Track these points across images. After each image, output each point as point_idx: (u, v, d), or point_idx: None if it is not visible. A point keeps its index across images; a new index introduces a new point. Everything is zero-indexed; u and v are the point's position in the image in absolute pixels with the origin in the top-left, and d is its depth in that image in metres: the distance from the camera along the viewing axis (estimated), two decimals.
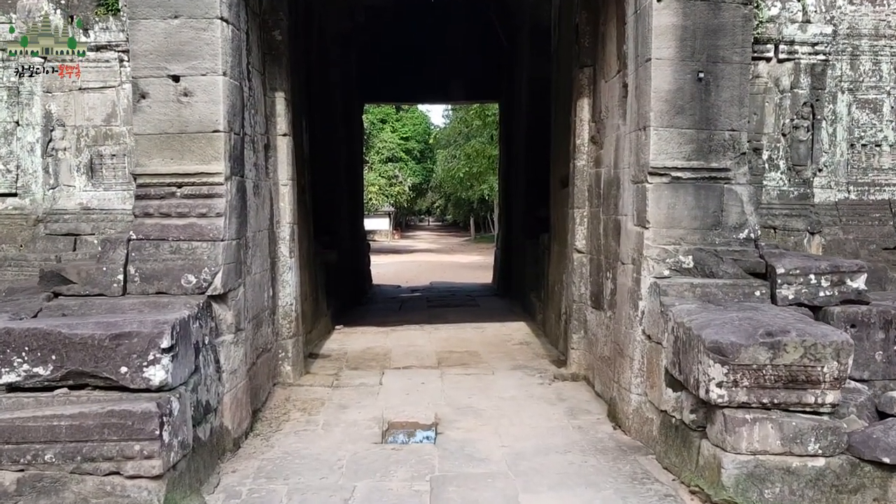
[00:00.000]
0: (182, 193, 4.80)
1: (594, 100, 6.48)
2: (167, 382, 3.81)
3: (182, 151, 4.79)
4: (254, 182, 5.67)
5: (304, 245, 8.13)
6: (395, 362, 7.64)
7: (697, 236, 4.88)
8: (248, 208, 5.39)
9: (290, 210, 6.55)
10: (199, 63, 4.76)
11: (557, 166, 8.39)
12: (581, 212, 6.66)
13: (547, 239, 9.14)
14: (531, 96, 11.13)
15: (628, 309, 5.10)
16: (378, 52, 14.16)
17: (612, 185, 5.81)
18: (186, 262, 4.69)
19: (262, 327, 5.97)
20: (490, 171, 27.79)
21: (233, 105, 4.92)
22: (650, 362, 4.75)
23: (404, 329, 9.74)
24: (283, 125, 6.43)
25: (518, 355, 7.95)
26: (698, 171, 4.87)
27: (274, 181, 6.39)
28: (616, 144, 5.74)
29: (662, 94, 4.82)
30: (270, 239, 6.25)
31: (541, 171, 10.80)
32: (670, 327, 4.35)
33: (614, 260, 5.72)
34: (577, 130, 6.64)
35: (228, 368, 4.81)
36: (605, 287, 6.03)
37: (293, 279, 6.62)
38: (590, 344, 6.49)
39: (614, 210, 5.74)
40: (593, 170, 6.47)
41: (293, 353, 6.59)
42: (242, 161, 5.24)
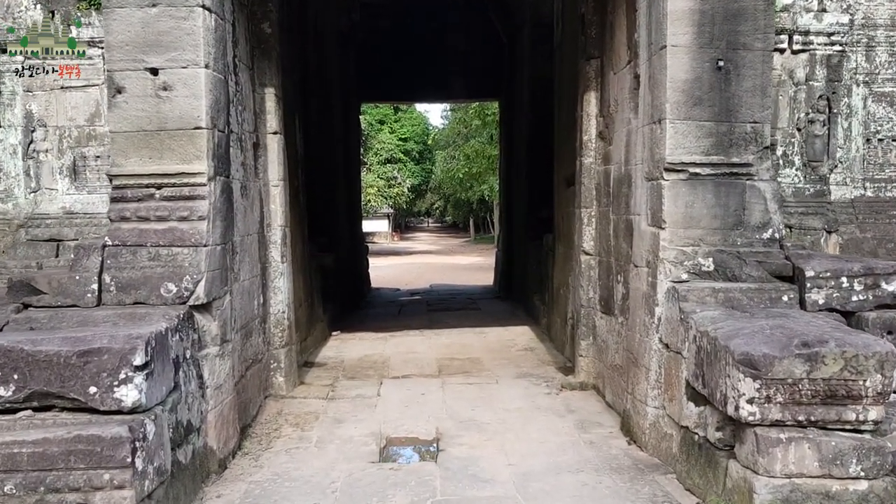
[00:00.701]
0: (162, 195, 4.44)
1: (602, 93, 6.13)
2: (141, 403, 3.46)
3: (161, 150, 4.44)
4: (241, 183, 5.32)
5: (298, 248, 7.78)
6: (393, 371, 7.29)
7: (718, 237, 4.53)
8: (234, 211, 5.05)
9: (282, 212, 6.20)
10: (179, 55, 4.41)
11: (562, 164, 8.05)
12: (588, 211, 6.31)
13: (551, 240, 8.80)
14: (532, 94, 10.79)
15: (643, 315, 4.75)
16: (376, 51, 13.82)
17: (623, 182, 5.46)
18: (166, 270, 4.33)
19: (252, 337, 5.62)
20: (490, 172, 27.44)
21: (216, 100, 4.58)
22: (668, 373, 4.40)
23: (403, 335, 9.40)
24: (273, 123, 6.09)
25: (522, 362, 7.60)
26: (718, 166, 4.52)
27: (264, 182, 6.04)
28: (627, 140, 5.39)
29: (679, 83, 4.47)
30: (260, 243, 5.91)
31: (543, 170, 10.49)
32: (692, 336, 4.00)
33: (626, 262, 5.38)
34: (584, 126, 6.29)
35: (213, 384, 4.46)
36: (615, 291, 5.68)
37: (285, 285, 6.28)
38: (599, 351, 6.14)
39: (625, 209, 5.40)
40: (601, 167, 6.12)
41: (286, 363, 6.24)
42: (228, 160, 4.89)
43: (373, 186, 35.46)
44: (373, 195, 35.47)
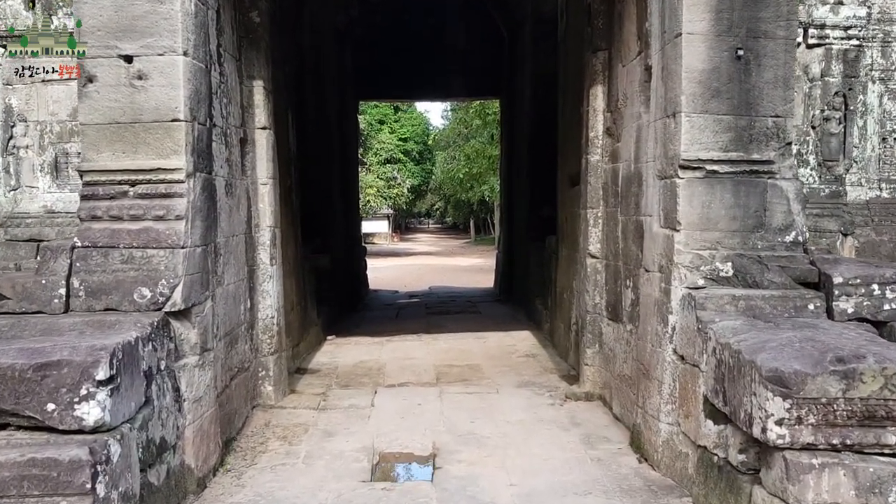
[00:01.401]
0: (136, 193, 4.11)
1: (609, 87, 5.81)
2: (104, 422, 3.13)
3: (136, 144, 4.11)
4: (226, 180, 4.99)
5: (291, 250, 7.46)
6: (389, 378, 6.96)
7: (737, 240, 4.20)
8: (217, 210, 4.72)
9: (271, 212, 5.87)
10: (155, 41, 4.08)
11: (566, 163, 7.71)
12: (595, 212, 5.98)
13: (554, 242, 8.46)
14: (534, 91, 10.47)
15: (655, 324, 4.42)
16: (374, 49, 13.49)
17: (633, 181, 5.13)
18: (140, 274, 4.00)
19: (238, 344, 5.29)
20: (491, 172, 27.10)
21: (196, 90, 4.25)
22: (684, 388, 4.07)
23: (401, 339, 9.06)
24: (261, 117, 5.76)
25: (524, 369, 7.27)
26: (737, 163, 4.19)
27: (252, 180, 5.71)
28: (637, 136, 5.06)
29: (695, 74, 4.14)
30: (248, 244, 5.58)
31: (546, 170, 10.16)
32: (711, 348, 3.67)
33: (635, 266, 5.05)
34: (590, 122, 5.96)
35: (191, 396, 4.12)
36: (623, 297, 5.35)
37: (275, 289, 5.94)
38: (606, 360, 5.81)
39: (635, 210, 5.07)
40: (609, 165, 5.79)
41: (275, 371, 5.90)
42: (210, 156, 4.56)
43: (372, 187, 35.12)
44: (372, 196, 35.13)
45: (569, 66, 7.50)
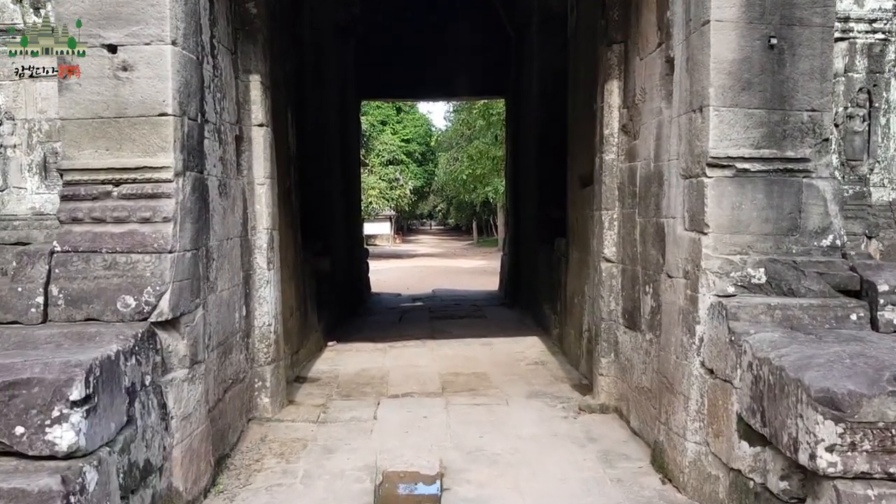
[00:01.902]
0: (120, 193, 3.81)
1: (626, 82, 5.50)
2: (79, 447, 2.83)
3: (120, 140, 3.80)
4: (219, 180, 4.68)
5: (290, 253, 7.15)
6: (392, 388, 6.65)
7: (769, 244, 3.88)
8: (210, 211, 4.41)
9: (268, 213, 5.56)
10: (141, 29, 3.77)
11: (576, 163, 7.40)
12: (610, 214, 5.66)
13: (564, 244, 8.15)
14: (542, 89, 10.15)
15: (680, 334, 4.10)
16: (376, 47, 13.19)
17: (652, 181, 4.82)
18: (124, 281, 3.70)
19: (233, 354, 4.98)
20: (494, 173, 26.79)
21: (186, 83, 3.94)
22: (713, 404, 3.75)
23: (404, 345, 8.75)
24: (258, 114, 5.45)
25: (534, 378, 6.95)
26: (770, 161, 3.87)
27: (248, 180, 5.41)
28: (657, 133, 4.75)
29: (725, 65, 3.83)
30: (243, 248, 5.27)
31: (554, 170, 9.86)
32: (746, 363, 3.36)
33: (656, 272, 4.73)
34: (605, 119, 5.65)
35: (180, 413, 3.81)
36: (642, 304, 5.04)
37: (272, 295, 5.64)
38: (622, 370, 5.49)
39: (655, 211, 4.75)
40: (625, 164, 5.47)
41: (272, 382, 5.59)
42: (202, 154, 4.26)
43: (374, 188, 34.78)
44: (374, 197, 34.79)
45: (580, 62, 7.19)
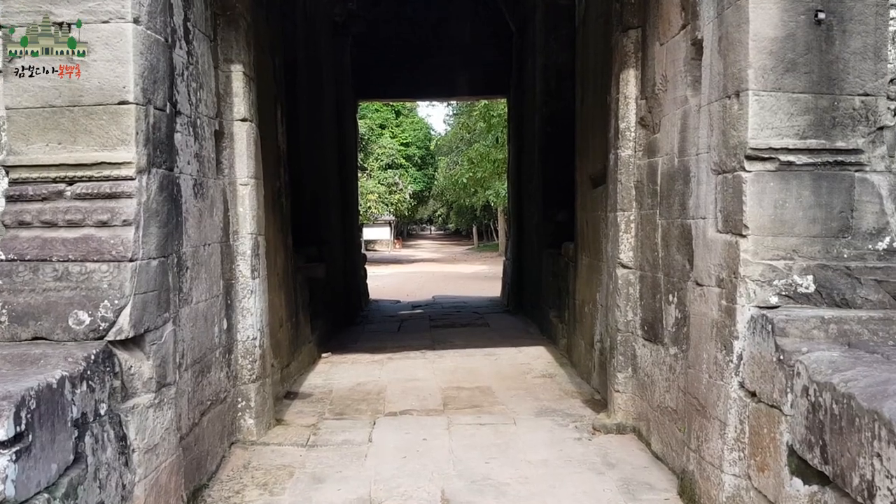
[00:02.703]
0: (74, 193, 3.33)
1: (644, 70, 5.02)
2: (6, 497, 2.34)
3: (75, 133, 3.33)
4: (195, 179, 4.20)
5: (280, 259, 6.67)
6: (390, 404, 6.16)
7: (817, 247, 3.40)
8: (182, 214, 3.93)
9: (253, 216, 5.09)
10: (98, 5, 3.30)
11: (586, 162, 6.93)
12: (626, 215, 5.18)
13: (571, 249, 7.67)
14: (546, 84, 9.70)
15: (713, 350, 3.62)
16: (374, 45, 12.76)
17: (676, 178, 4.34)
18: (78, 294, 3.22)
19: (211, 372, 4.49)
20: (495, 176, 26.32)
21: (151, 67, 3.47)
22: (756, 433, 3.26)
23: (403, 357, 8.26)
24: (241, 108, 4.98)
25: (542, 393, 6.46)
26: (817, 152, 3.39)
27: (230, 179, 4.93)
28: (682, 124, 4.27)
29: (765, 43, 3.35)
30: (224, 255, 4.79)
31: (560, 171, 9.40)
32: (800, 387, 2.87)
33: (681, 279, 4.25)
34: (621, 112, 5.18)
35: (143, 445, 3.33)
36: (664, 314, 4.55)
37: (258, 305, 5.15)
38: (641, 387, 5.00)
39: (680, 212, 4.27)
40: (644, 161, 5.00)
41: (257, 401, 5.10)
42: (172, 148, 3.78)
43: (373, 193, 34.35)
44: (373, 202, 34.36)
45: (589, 53, 6.73)
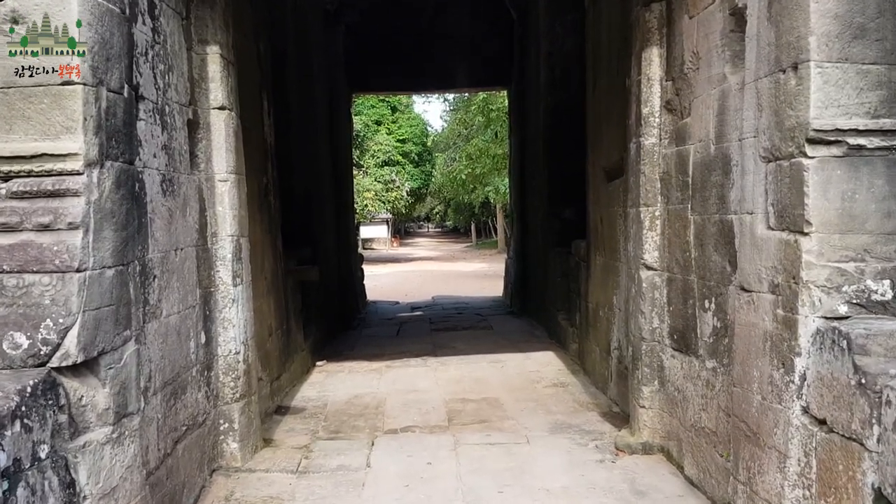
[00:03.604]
0: (10, 191, 2.79)
1: (670, 48, 4.49)
2: None
3: (10, 119, 2.79)
4: (163, 174, 3.67)
5: (268, 263, 6.15)
6: (390, 420, 5.64)
7: (894, 246, 2.88)
8: (147, 214, 3.40)
9: (234, 216, 4.55)
10: None
11: (599, 153, 6.40)
12: (651, 211, 4.65)
13: (583, 248, 7.14)
14: (551, 73, 9.17)
15: (767, 367, 3.10)
16: (369, 35, 12.21)
17: (713, 168, 3.82)
18: (13, 312, 2.69)
19: (187, 393, 3.96)
20: (495, 172, 25.77)
21: (103, 42, 2.93)
22: (828, 469, 2.74)
23: (403, 364, 7.75)
24: (219, 94, 4.44)
25: (555, 405, 5.94)
26: (892, 134, 2.87)
27: (207, 175, 4.39)
28: (719, 106, 3.75)
29: (829, 4, 2.83)
30: (201, 260, 4.26)
31: (566, 165, 8.91)
32: (892, 419, 2.35)
33: (720, 283, 3.73)
34: (643, 95, 4.65)
35: (98, 490, 2.80)
36: (699, 322, 4.03)
37: (241, 316, 4.62)
38: (671, 403, 4.48)
39: (718, 206, 3.75)
40: (671, 149, 4.47)
41: (242, 422, 4.58)
42: (132, 138, 3.25)
43: (370, 190, 33.73)
44: (370, 200, 33.75)
45: (602, 33, 6.20)
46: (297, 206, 8.71)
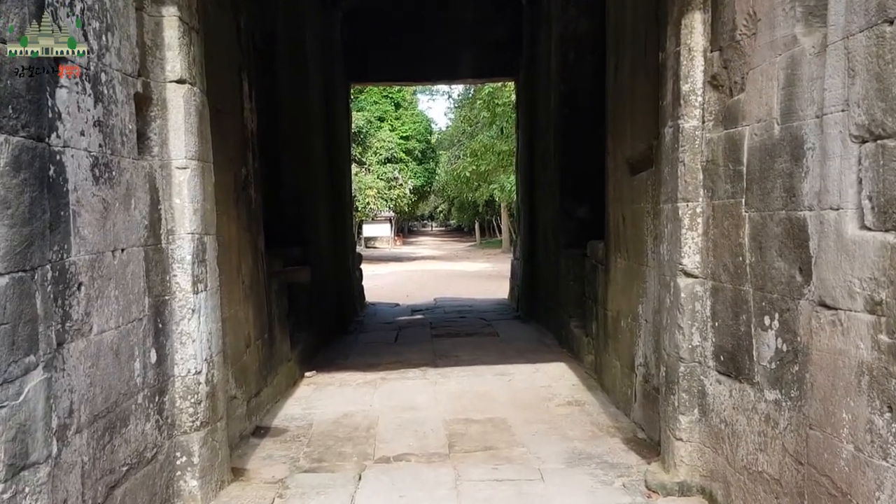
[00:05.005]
0: None
1: (715, 13, 3.75)
2: None
3: None
4: (96, 157, 2.95)
5: (247, 264, 5.44)
6: (382, 446, 4.92)
7: None
8: (69, 206, 2.69)
9: (195, 210, 3.83)
10: None
11: (621, 142, 5.67)
12: (691, 207, 3.92)
13: (601, 249, 6.41)
14: (564, 58, 8.44)
15: (863, 409, 2.37)
16: (369, 22, 11.51)
17: (778, 153, 3.08)
18: None
19: (129, 426, 3.24)
20: (500, 169, 25.01)
21: None
22: None
23: (400, 376, 7.03)
24: (177, 65, 3.72)
25: (570, 428, 5.22)
26: None
27: (162, 161, 3.67)
28: (787, 76, 3.01)
29: None
30: (152, 262, 3.54)
31: (580, 157, 8.21)
32: None
33: (787, 295, 3.00)
34: (682, 70, 3.90)
35: None
36: (757, 343, 3.30)
37: (205, 328, 3.90)
38: (715, 437, 3.75)
39: (785, 200, 3.02)
40: (718, 133, 3.73)
41: (203, 454, 3.86)
42: (42, 108, 2.53)
43: (372, 188, 33.01)
44: (372, 197, 33.02)
45: (626, 7, 5.46)
46: (287, 203, 8.03)
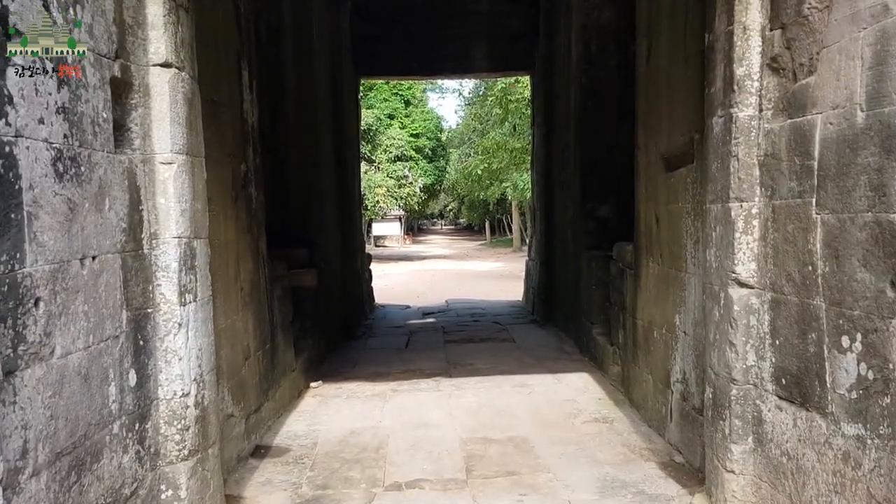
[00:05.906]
0: None
1: None
2: None
3: None
4: (57, 149, 2.51)
5: (246, 269, 5.01)
6: (392, 469, 4.48)
7: None
8: (20, 207, 2.25)
9: (182, 211, 3.39)
10: None
11: (655, 136, 5.19)
12: (746, 207, 3.44)
13: (629, 252, 5.94)
14: (586, 48, 7.96)
15: None
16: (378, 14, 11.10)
17: (861, 145, 2.61)
18: None
19: (102, 460, 2.81)
20: (513, 167, 24.51)
21: None
22: None
23: (411, 387, 6.59)
24: (161, 46, 3.28)
25: (599, 450, 4.76)
26: None
27: (144, 155, 3.24)
28: (875, 53, 2.54)
29: None
30: (130, 271, 3.10)
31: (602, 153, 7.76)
32: None
33: (872, 312, 2.53)
34: (736, 52, 3.42)
35: None
36: (832, 366, 2.83)
37: (194, 343, 3.47)
38: (775, 471, 3.28)
39: (871, 200, 2.55)
40: (780, 123, 3.25)
41: (192, 487, 3.42)
42: None
43: (382, 186, 32.58)
44: (382, 196, 32.60)
45: None
46: (292, 202, 7.62)
